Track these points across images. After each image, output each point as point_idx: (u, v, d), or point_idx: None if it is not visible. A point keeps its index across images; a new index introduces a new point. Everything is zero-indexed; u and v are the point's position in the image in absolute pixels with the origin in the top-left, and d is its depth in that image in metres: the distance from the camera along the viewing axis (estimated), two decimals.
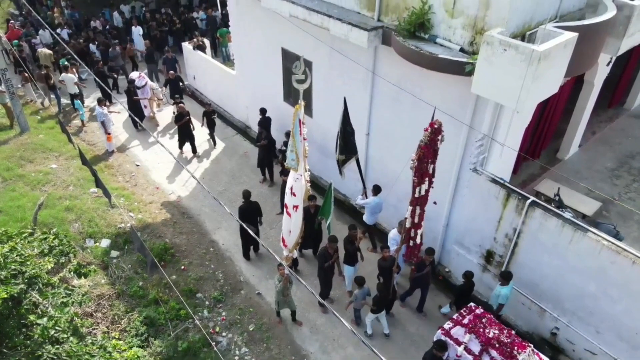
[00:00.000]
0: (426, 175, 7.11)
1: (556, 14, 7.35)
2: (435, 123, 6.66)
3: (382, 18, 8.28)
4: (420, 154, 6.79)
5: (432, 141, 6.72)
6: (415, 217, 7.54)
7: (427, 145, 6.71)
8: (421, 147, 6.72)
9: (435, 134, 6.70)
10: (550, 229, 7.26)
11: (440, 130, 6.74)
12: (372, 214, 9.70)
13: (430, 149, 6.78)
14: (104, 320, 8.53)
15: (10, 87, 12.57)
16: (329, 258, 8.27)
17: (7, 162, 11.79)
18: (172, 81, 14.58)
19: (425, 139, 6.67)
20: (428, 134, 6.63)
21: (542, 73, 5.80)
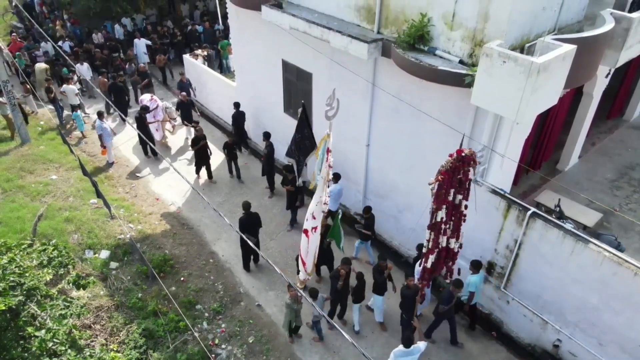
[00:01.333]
0: (444, 203, 6.52)
1: (554, 26, 7.43)
2: (464, 151, 6.15)
3: (382, 30, 8.36)
4: (439, 179, 6.26)
5: (455, 169, 6.16)
6: (430, 242, 7.00)
7: (447, 171, 6.18)
8: (441, 172, 6.21)
9: (462, 163, 6.15)
10: (552, 240, 7.24)
11: (472, 160, 6.16)
12: (335, 200, 10.24)
13: (451, 176, 6.22)
14: (103, 332, 8.46)
15: (12, 98, 12.63)
16: (340, 278, 8.10)
17: (7, 173, 11.79)
18: (184, 105, 13.95)
19: (447, 165, 6.14)
20: (451, 160, 6.12)
21: (541, 85, 5.83)
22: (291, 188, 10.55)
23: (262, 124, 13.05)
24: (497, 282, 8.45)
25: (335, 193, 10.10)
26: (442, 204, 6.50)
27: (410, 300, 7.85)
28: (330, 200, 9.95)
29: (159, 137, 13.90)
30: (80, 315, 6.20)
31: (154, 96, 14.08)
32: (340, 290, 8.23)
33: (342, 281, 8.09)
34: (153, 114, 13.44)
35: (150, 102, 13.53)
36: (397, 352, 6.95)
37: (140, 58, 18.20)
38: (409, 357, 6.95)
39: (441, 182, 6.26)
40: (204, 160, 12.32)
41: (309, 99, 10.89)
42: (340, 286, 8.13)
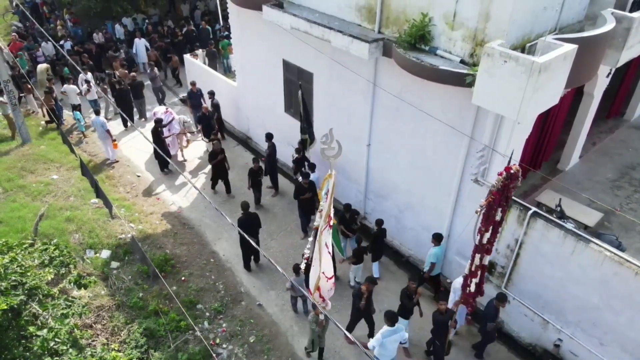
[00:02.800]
0: (492, 223, 6.40)
1: (555, 26, 7.42)
2: (512, 168, 5.96)
3: (383, 30, 8.36)
4: (490, 199, 6.11)
5: (505, 187, 6.03)
6: (474, 265, 6.85)
7: (499, 191, 6.04)
8: (492, 193, 6.05)
9: (510, 180, 5.99)
10: (552, 240, 7.24)
11: (517, 176, 6.02)
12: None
13: (502, 195, 6.11)
14: (104, 332, 8.47)
15: (13, 98, 12.63)
16: (362, 297, 7.81)
17: (8, 173, 11.80)
18: (205, 117, 13.04)
19: (498, 185, 5.98)
20: (501, 179, 5.95)
21: (543, 84, 5.84)
22: (308, 196, 10.23)
23: (262, 123, 13.05)
24: (498, 282, 8.45)
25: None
26: (491, 225, 6.36)
27: (444, 325, 7.51)
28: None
29: (174, 151, 13.25)
30: (82, 315, 6.19)
31: (169, 108, 13.53)
32: (363, 310, 7.89)
33: (364, 300, 7.78)
34: (168, 128, 12.77)
35: (165, 114, 12.90)
36: (384, 333, 7.11)
37: (140, 57, 18.22)
38: (395, 335, 7.14)
39: (492, 202, 6.11)
40: (221, 175, 11.86)
41: (310, 99, 10.90)
42: (363, 305, 7.80)
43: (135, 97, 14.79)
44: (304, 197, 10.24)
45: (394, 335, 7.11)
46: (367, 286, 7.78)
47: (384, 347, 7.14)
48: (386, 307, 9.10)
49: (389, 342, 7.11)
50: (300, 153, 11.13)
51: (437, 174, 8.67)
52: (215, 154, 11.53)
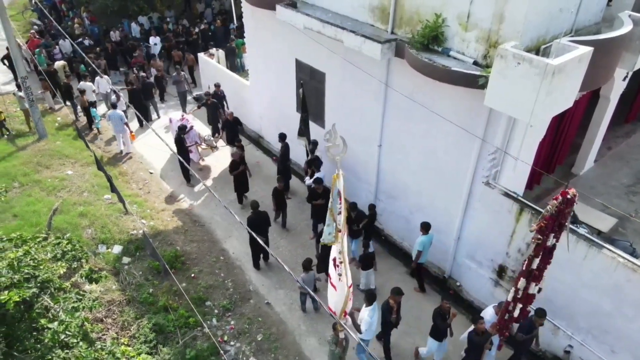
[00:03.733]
0: (543, 249, 6.12)
1: (572, 28, 7.32)
2: (569, 192, 5.70)
3: (396, 31, 8.32)
4: (541, 224, 5.86)
5: (560, 212, 5.74)
6: (519, 291, 6.50)
7: (552, 216, 5.76)
8: (545, 218, 5.80)
9: (566, 205, 5.70)
10: (564, 245, 7.13)
11: (574, 201, 5.74)
12: None
13: (555, 221, 5.83)
14: (114, 326, 8.58)
15: (30, 94, 12.85)
16: (392, 310, 7.60)
17: (24, 167, 12.00)
18: (229, 123, 12.72)
19: (552, 210, 5.70)
20: (556, 204, 5.66)
21: (556, 87, 5.76)
22: (321, 202, 10.06)
23: (275, 123, 13.09)
24: (508, 286, 8.36)
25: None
26: (541, 250, 6.08)
27: (479, 347, 7.21)
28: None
29: (196, 159, 13.00)
30: (92, 309, 6.26)
31: (185, 116, 13.31)
32: (394, 323, 7.72)
33: (394, 313, 7.58)
34: (187, 136, 12.30)
35: (180, 121, 12.57)
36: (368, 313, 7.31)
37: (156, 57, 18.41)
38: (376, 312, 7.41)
39: (544, 227, 5.83)
40: (243, 186, 11.51)
41: (322, 99, 10.91)
42: (394, 319, 7.61)
43: (146, 98, 14.92)
44: (317, 203, 10.17)
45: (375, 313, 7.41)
46: (394, 299, 7.51)
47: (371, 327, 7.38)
48: None
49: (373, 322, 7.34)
50: (312, 154, 11.15)
51: (448, 176, 8.62)
52: (237, 165, 11.16)
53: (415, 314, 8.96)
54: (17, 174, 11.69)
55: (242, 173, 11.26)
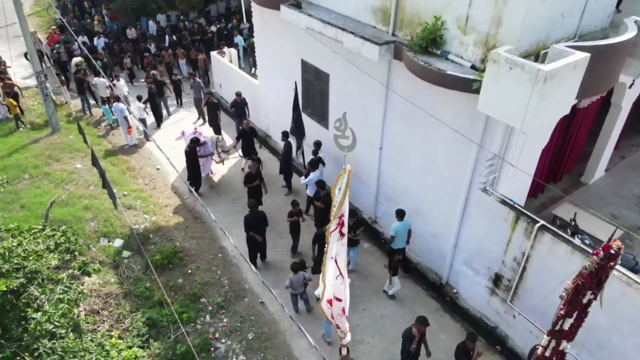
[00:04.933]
0: (578, 308, 5.44)
1: (575, 33, 7.13)
2: (612, 246, 4.99)
3: (397, 33, 8.25)
4: (578, 282, 5.19)
5: (601, 269, 5.09)
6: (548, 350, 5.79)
7: (591, 274, 5.12)
8: (582, 276, 5.13)
9: (609, 260, 5.02)
10: (560, 255, 6.95)
11: (619, 254, 5.02)
12: (314, 187, 10.60)
13: (594, 278, 5.17)
14: (109, 318, 8.71)
15: (45, 88, 13.17)
16: (413, 340, 7.16)
17: (35, 160, 12.32)
18: (245, 134, 12.17)
19: (592, 267, 5.04)
20: (597, 260, 5.00)
21: (549, 93, 5.61)
22: (321, 205, 10.00)
23: (281, 122, 13.10)
24: (503, 295, 8.19)
25: (314, 181, 10.46)
26: (575, 310, 5.38)
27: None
28: (310, 188, 10.78)
29: (205, 173, 12.42)
30: (78, 301, 6.36)
31: (197, 128, 12.88)
32: (414, 353, 7.29)
33: (415, 343, 7.15)
34: (202, 149, 11.95)
35: (193, 134, 12.09)
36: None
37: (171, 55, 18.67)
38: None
39: (581, 285, 5.16)
40: (256, 200, 10.73)
41: (326, 99, 10.89)
42: (414, 349, 7.18)
43: (158, 96, 15.08)
44: (317, 205, 10.17)
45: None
46: (418, 328, 7.07)
47: None
48: (388, 312, 9.05)
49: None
50: (314, 155, 11.13)
51: (446, 181, 8.49)
52: (252, 178, 10.76)
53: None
54: (28, 166, 12.01)
55: (257, 187, 10.86)
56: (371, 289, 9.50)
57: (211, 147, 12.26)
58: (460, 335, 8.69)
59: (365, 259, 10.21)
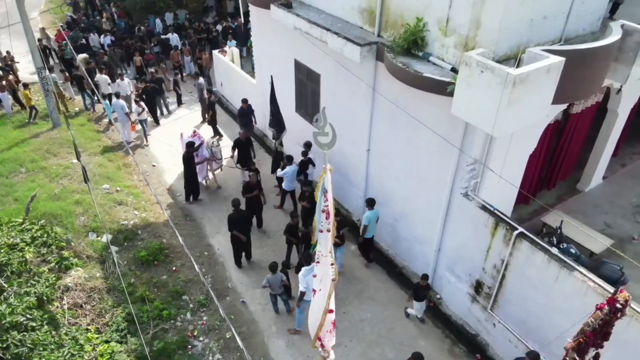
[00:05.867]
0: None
1: (561, 36, 6.96)
2: (619, 298, 4.68)
3: (382, 34, 8.17)
4: (581, 340, 4.93)
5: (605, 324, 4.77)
6: None
7: (594, 331, 4.85)
8: (585, 334, 4.88)
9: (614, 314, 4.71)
10: (537, 264, 6.79)
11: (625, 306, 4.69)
12: (291, 181, 10.82)
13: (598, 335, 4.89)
14: (92, 313, 8.78)
15: (45, 84, 13.40)
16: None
17: (33, 154, 12.53)
18: (242, 143, 11.84)
19: (595, 323, 4.76)
20: (600, 316, 4.70)
21: (519, 98, 5.47)
22: (307, 204, 9.94)
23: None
24: (484, 303, 8.04)
25: (290, 174, 10.65)
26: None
27: None
28: (286, 181, 10.83)
29: (201, 178, 12.15)
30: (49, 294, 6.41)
31: (197, 131, 12.59)
32: None
33: None
34: (196, 153, 11.59)
35: (192, 137, 11.92)
36: (304, 274, 7.63)
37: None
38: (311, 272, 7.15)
39: (583, 343, 4.93)
40: (255, 211, 10.70)
41: (317, 100, 10.83)
42: None
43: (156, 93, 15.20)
44: (303, 204, 10.16)
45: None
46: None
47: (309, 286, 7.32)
48: (369, 316, 8.95)
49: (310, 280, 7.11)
50: (305, 156, 11.08)
51: (429, 185, 8.37)
52: (251, 188, 10.33)
53: (390, 324, 8.75)
54: (26, 160, 12.22)
55: (256, 197, 10.50)
56: (354, 292, 9.41)
57: (206, 151, 11.96)
58: (441, 342, 8.59)
59: (350, 262, 10.13)
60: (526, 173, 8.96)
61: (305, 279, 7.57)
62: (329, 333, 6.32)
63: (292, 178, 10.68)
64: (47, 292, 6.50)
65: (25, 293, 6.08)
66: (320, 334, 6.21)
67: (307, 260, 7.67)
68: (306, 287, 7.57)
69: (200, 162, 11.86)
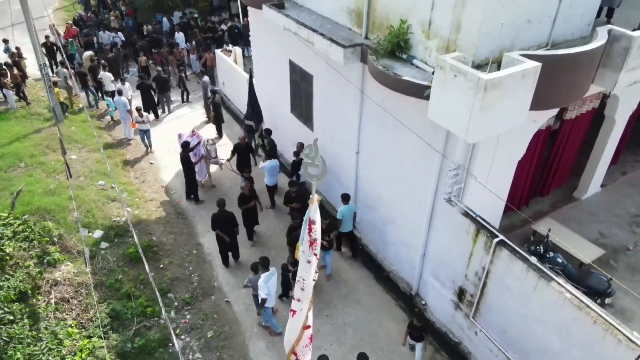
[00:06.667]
0: None
1: (547, 41, 6.80)
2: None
3: (370, 35, 8.09)
4: None
5: None
6: None
7: None
8: None
9: None
10: (516, 273, 6.64)
11: None
12: (271, 175, 11.14)
13: None
14: (78, 307, 8.90)
15: (47, 80, 13.60)
16: None
17: (33, 149, 12.74)
18: (241, 149, 11.74)
19: None
20: None
21: (492, 103, 5.35)
22: (296, 205, 9.88)
23: (274, 120, 13.11)
24: (467, 310, 7.91)
25: (269, 168, 10.99)
26: None
27: None
28: (267, 175, 11.11)
29: (201, 177, 12.21)
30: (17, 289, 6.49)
31: (197, 131, 12.55)
32: None
33: None
34: (195, 152, 11.70)
35: (191, 137, 11.93)
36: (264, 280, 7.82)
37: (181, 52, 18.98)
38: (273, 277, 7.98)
39: None
40: (253, 221, 10.43)
41: (311, 100, 10.80)
42: None
43: (160, 91, 15.35)
44: (292, 206, 10.12)
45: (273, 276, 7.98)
46: None
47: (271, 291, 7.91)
48: (352, 320, 8.88)
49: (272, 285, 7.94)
50: (298, 156, 11.07)
51: (414, 189, 8.27)
52: (247, 199, 9.98)
53: (373, 329, 8.67)
54: (25, 155, 12.43)
55: (252, 209, 10.22)
56: (339, 295, 9.36)
57: (203, 149, 12.01)
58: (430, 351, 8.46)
59: (339, 264, 10.08)
60: (517, 179, 8.80)
61: (266, 285, 7.69)
62: (305, 347, 6.33)
63: (273, 172, 10.99)
64: (22, 286, 6.57)
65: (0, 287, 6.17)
66: (297, 348, 6.21)
67: (265, 264, 7.91)
68: (267, 294, 7.77)
69: (198, 160, 11.91)
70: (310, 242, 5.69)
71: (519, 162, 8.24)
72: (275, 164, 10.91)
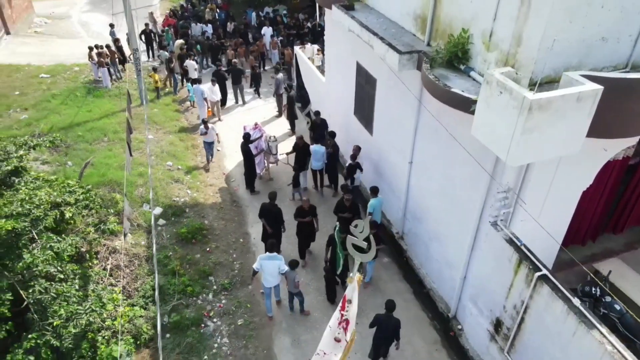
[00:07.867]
0: None
1: (627, 62, 6.09)
2: None
3: (432, 42, 7.78)
4: None
5: None
6: None
7: None
8: None
9: None
10: (556, 313, 6.06)
11: None
12: (316, 160, 11.63)
13: None
14: (129, 276, 9.59)
15: (138, 64, 14.76)
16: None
17: (117, 126, 13.92)
18: (299, 150, 11.60)
19: None
20: None
21: (538, 126, 4.90)
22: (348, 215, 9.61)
23: (337, 122, 13.13)
24: (502, 344, 7.37)
25: (315, 152, 11.41)
26: None
27: None
28: (312, 159, 11.52)
29: (259, 169, 12.47)
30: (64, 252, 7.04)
31: (259, 124, 12.86)
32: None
33: None
34: (255, 144, 11.95)
35: (253, 130, 12.22)
36: (262, 256, 8.38)
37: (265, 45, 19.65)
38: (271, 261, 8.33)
39: None
40: (307, 240, 9.92)
41: (372, 104, 10.65)
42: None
43: (234, 82, 16.08)
44: (343, 216, 9.75)
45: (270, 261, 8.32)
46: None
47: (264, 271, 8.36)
48: None
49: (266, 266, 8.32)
50: (354, 160, 10.99)
51: (461, 206, 7.85)
52: (304, 213, 9.44)
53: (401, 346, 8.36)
54: (110, 130, 13.62)
55: (309, 224, 9.58)
56: (373, 305, 9.13)
57: (264, 143, 12.27)
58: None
59: (379, 274, 9.87)
60: (583, 211, 8.04)
61: (261, 261, 8.31)
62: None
63: (317, 157, 11.42)
64: (72, 250, 7.16)
65: (50, 248, 6.82)
66: None
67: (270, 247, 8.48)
68: (259, 268, 8.33)
69: (258, 153, 12.25)
70: (339, 320, 5.51)
71: (585, 193, 7.50)
72: (318, 149, 11.35)
